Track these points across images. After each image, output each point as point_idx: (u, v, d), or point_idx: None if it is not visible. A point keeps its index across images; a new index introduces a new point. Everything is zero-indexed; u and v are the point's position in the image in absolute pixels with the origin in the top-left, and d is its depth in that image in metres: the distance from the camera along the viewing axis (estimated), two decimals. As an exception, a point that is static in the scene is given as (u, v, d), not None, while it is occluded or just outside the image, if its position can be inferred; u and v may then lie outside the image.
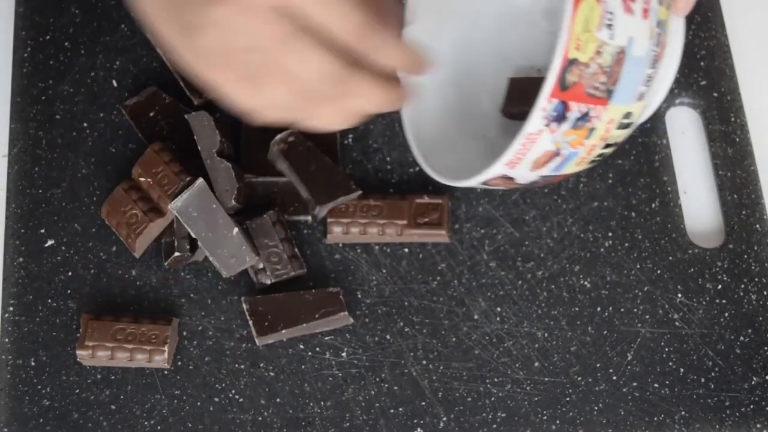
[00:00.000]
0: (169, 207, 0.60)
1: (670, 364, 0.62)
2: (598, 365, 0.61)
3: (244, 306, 0.61)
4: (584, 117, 0.50)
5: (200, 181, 0.60)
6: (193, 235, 0.59)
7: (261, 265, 0.61)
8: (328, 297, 0.61)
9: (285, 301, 0.61)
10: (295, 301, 0.61)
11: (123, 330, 0.59)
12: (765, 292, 0.64)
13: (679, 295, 0.63)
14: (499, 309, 0.62)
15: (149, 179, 0.60)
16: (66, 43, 0.68)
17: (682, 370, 0.62)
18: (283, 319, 0.60)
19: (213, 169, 0.61)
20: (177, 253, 0.60)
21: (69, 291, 0.62)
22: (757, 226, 0.65)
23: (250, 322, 0.60)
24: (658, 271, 0.64)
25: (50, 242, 0.63)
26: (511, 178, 0.53)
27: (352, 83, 0.48)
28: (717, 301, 0.63)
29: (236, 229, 0.59)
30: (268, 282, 0.62)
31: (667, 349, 0.62)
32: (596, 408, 0.60)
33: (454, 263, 0.63)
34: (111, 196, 0.61)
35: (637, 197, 0.65)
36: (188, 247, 0.61)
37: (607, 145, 0.53)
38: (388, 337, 0.62)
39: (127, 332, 0.59)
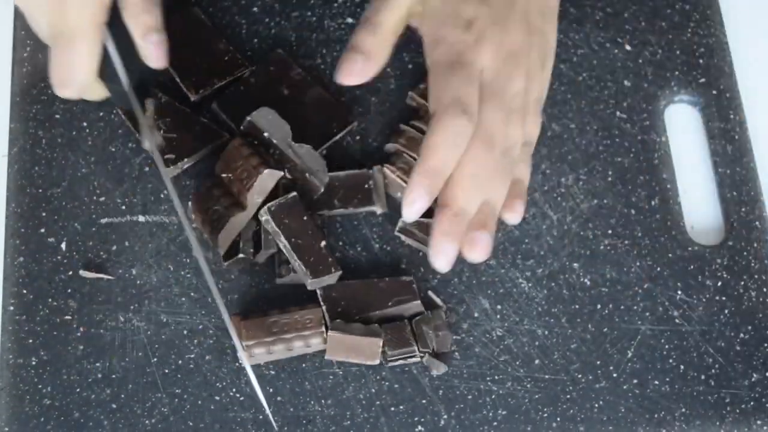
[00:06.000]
0: (259, 214, 0.60)
1: (671, 361, 0.62)
2: (598, 362, 0.61)
3: (318, 293, 0.61)
4: None
5: (293, 194, 0.60)
6: (282, 242, 0.60)
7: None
8: (401, 285, 0.61)
9: (359, 289, 0.61)
10: (369, 289, 0.61)
11: (276, 322, 0.59)
12: (765, 289, 0.64)
13: (679, 293, 0.63)
14: (499, 307, 0.62)
15: (230, 174, 0.60)
16: (65, 43, 0.68)
17: (682, 367, 0.62)
18: (356, 306, 0.60)
19: (296, 155, 0.61)
20: (241, 255, 0.60)
21: (69, 290, 0.62)
22: (757, 223, 0.65)
23: (323, 308, 0.60)
24: (658, 269, 0.64)
25: (50, 242, 0.63)
26: None
27: None
28: (717, 298, 0.63)
29: (324, 242, 0.60)
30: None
31: (667, 346, 0.62)
32: (597, 405, 0.60)
33: (455, 261, 0.63)
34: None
35: (636, 195, 0.66)
36: (252, 250, 0.61)
37: None
38: (388, 335, 0.62)
39: (282, 323, 0.59)
